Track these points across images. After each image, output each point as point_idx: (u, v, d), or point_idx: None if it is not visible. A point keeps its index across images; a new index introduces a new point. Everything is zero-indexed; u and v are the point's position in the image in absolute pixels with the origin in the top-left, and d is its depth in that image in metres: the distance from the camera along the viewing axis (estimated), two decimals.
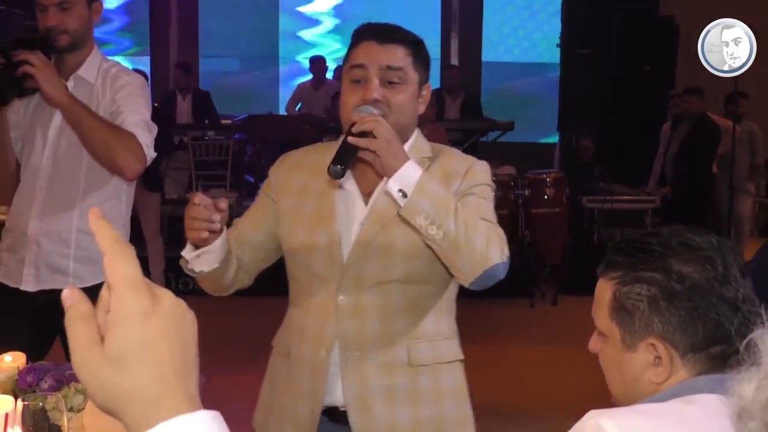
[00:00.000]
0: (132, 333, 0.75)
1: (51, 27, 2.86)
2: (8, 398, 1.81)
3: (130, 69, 3.10)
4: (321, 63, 10.41)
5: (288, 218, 2.18)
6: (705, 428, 1.28)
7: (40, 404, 1.78)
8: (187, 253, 2.04)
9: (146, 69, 10.58)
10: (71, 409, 1.88)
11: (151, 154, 2.84)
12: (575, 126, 8.76)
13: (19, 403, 1.74)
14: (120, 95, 2.89)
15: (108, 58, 3.04)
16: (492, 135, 9.95)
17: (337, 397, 2.11)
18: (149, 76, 9.36)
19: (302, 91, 10.56)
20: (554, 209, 7.84)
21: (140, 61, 11.53)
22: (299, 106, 10.54)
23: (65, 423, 1.77)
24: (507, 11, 12.38)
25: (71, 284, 2.87)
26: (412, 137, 2.17)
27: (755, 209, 10.24)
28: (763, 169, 9.34)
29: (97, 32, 3.15)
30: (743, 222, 8.85)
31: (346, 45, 2.21)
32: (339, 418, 2.12)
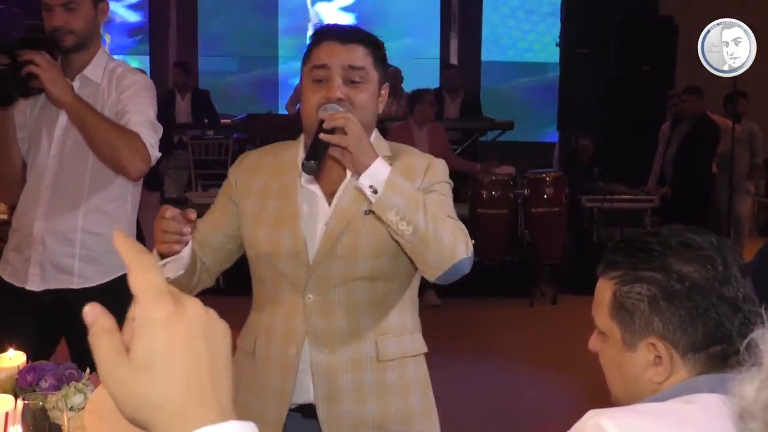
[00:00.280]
0: (156, 339, 0.74)
1: (57, 27, 2.86)
2: (8, 397, 1.81)
3: (137, 69, 3.10)
4: None
5: (251, 219, 2.20)
6: (705, 428, 1.28)
7: (41, 403, 1.79)
8: None
9: (145, 68, 10.58)
10: (71, 408, 1.88)
11: (156, 154, 2.85)
12: (574, 125, 8.76)
13: (20, 402, 1.74)
14: (125, 95, 2.89)
15: (114, 58, 3.04)
16: (491, 134, 9.96)
17: (309, 394, 2.14)
18: (148, 76, 9.35)
19: (300, 91, 10.54)
20: (554, 209, 7.84)
21: (139, 61, 11.54)
22: (298, 106, 10.52)
23: (65, 422, 1.77)
24: (506, 11, 12.38)
25: (77, 282, 2.90)
26: (372, 136, 2.19)
27: (755, 209, 10.25)
28: (763, 169, 9.35)
29: None
30: (743, 221, 8.85)
31: None
32: (310, 413, 2.15)
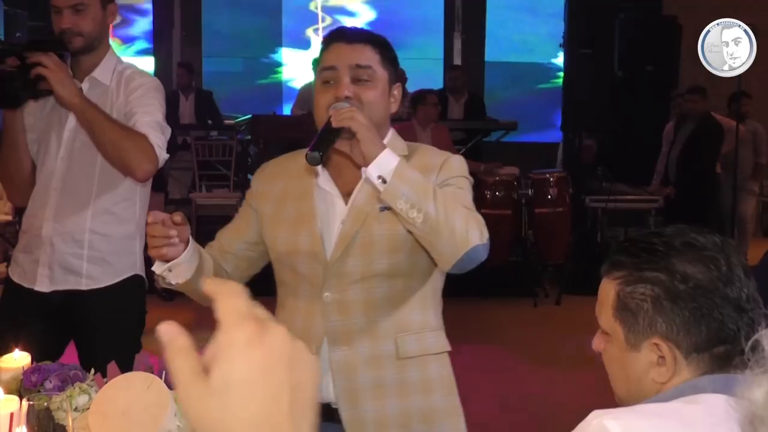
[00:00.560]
0: (234, 362, 0.71)
1: (65, 29, 2.87)
2: (13, 398, 1.81)
3: (145, 71, 3.12)
4: None
5: (270, 223, 2.23)
6: (710, 429, 1.28)
7: (45, 404, 1.79)
8: (157, 268, 2.10)
9: (149, 69, 10.58)
10: (76, 409, 1.89)
11: (164, 156, 2.85)
12: (578, 126, 8.75)
13: (24, 403, 1.74)
14: (133, 96, 2.90)
15: (123, 60, 3.05)
16: (495, 135, 9.95)
17: (328, 394, 2.14)
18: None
19: (306, 93, 10.56)
20: (557, 209, 7.85)
21: (143, 62, 11.55)
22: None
23: (70, 423, 1.78)
24: (510, 11, 12.37)
25: (85, 283, 2.91)
26: (388, 136, 2.21)
27: (759, 209, 10.23)
28: (767, 169, 9.34)
29: None
30: (747, 222, 8.85)
31: None
32: (331, 416, 2.15)
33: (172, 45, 11.99)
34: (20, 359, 2.12)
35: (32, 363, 2.13)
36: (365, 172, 2.01)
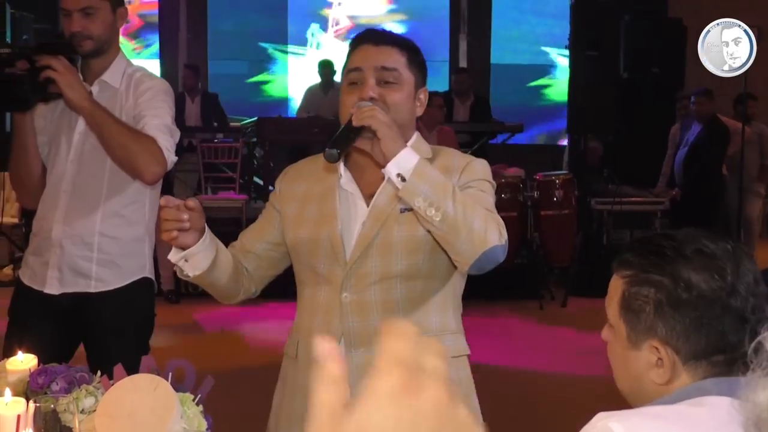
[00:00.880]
0: (377, 412, 0.64)
1: (75, 32, 2.88)
2: (20, 400, 1.82)
3: (155, 74, 3.13)
4: (329, 66, 10.43)
5: (293, 223, 2.23)
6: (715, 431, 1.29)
7: (52, 406, 1.80)
8: (173, 256, 2.09)
9: (155, 71, 10.58)
10: (82, 411, 1.89)
11: (172, 158, 2.87)
12: (584, 128, 8.74)
13: (31, 405, 1.75)
14: (143, 99, 2.91)
15: (133, 63, 3.06)
16: (501, 137, 9.95)
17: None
18: None
19: (311, 95, 10.58)
20: (563, 211, 7.84)
21: (149, 64, 11.57)
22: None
23: (77, 425, 1.78)
24: (515, 13, 12.37)
25: (94, 285, 2.94)
26: (412, 139, 2.21)
27: (765, 211, 10.21)
28: None
29: None
30: (753, 223, 8.83)
31: None
32: None
33: (178, 47, 12.01)
34: (26, 361, 2.12)
35: (39, 365, 2.13)
36: (385, 170, 2.01)
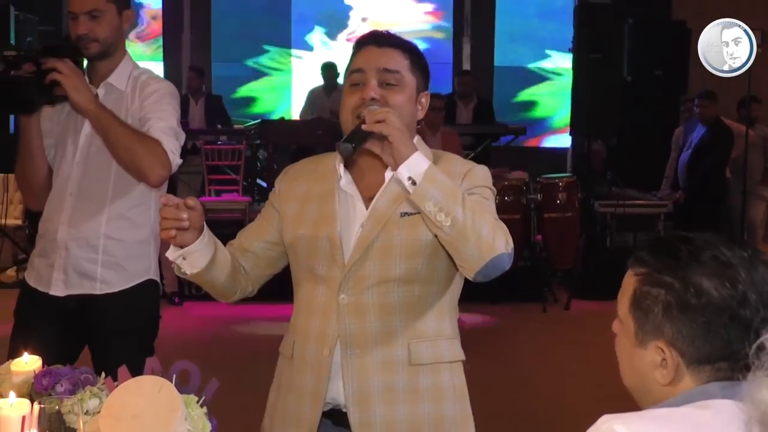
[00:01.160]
0: None
1: (81, 35, 2.90)
2: (25, 401, 1.82)
3: (161, 77, 3.14)
4: (333, 69, 10.43)
5: (291, 223, 2.23)
6: None
7: (56, 407, 1.80)
8: (171, 254, 2.09)
9: (159, 74, 10.58)
10: (87, 413, 1.89)
11: (177, 161, 2.88)
12: (587, 131, 8.74)
13: (36, 406, 1.75)
14: (148, 102, 2.92)
15: (139, 66, 3.07)
16: (504, 140, 9.95)
17: (339, 397, 2.14)
18: None
19: (314, 97, 10.59)
20: (567, 214, 7.84)
21: (153, 66, 11.57)
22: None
23: (81, 426, 1.78)
24: (519, 16, 12.37)
25: (99, 288, 2.95)
26: (414, 141, 2.19)
27: None
28: None
29: None
30: (756, 226, 8.82)
31: None
32: (341, 420, 2.15)
33: (182, 49, 12.03)
34: (31, 362, 2.13)
35: (44, 366, 2.14)
36: (396, 173, 2.00)
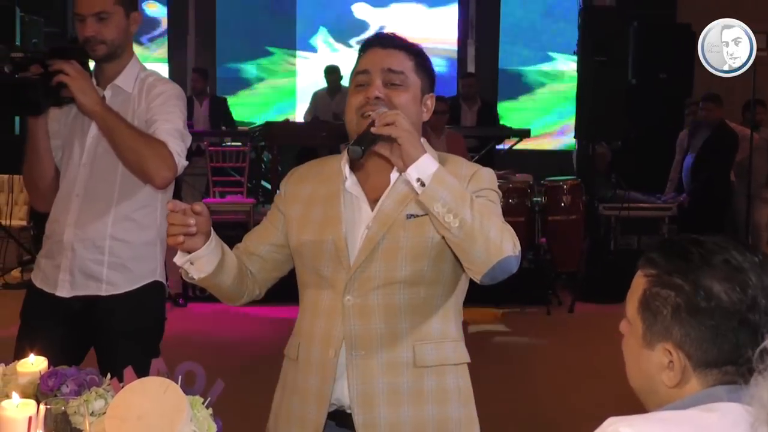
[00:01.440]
0: None
1: (89, 37, 2.90)
2: (31, 402, 1.82)
3: (168, 79, 3.14)
4: (336, 72, 10.45)
5: (297, 225, 2.23)
6: None
7: (62, 408, 1.80)
8: (178, 259, 2.10)
9: (164, 75, 10.60)
10: (93, 413, 1.89)
11: (183, 163, 2.88)
12: (592, 133, 8.74)
13: (41, 407, 1.75)
14: (155, 104, 2.93)
15: (146, 68, 3.08)
16: (508, 142, 9.95)
17: (343, 398, 2.14)
18: None
19: (318, 99, 10.60)
20: (571, 216, 7.84)
21: (158, 68, 11.58)
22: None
23: (87, 427, 1.79)
24: (523, 19, 12.38)
25: (105, 289, 2.95)
26: None
27: None
28: None
29: None
30: (761, 230, 8.82)
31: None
32: (345, 422, 2.15)
33: (187, 51, 12.04)
34: (37, 363, 2.13)
35: (50, 367, 2.14)
36: (405, 175, 2.00)
